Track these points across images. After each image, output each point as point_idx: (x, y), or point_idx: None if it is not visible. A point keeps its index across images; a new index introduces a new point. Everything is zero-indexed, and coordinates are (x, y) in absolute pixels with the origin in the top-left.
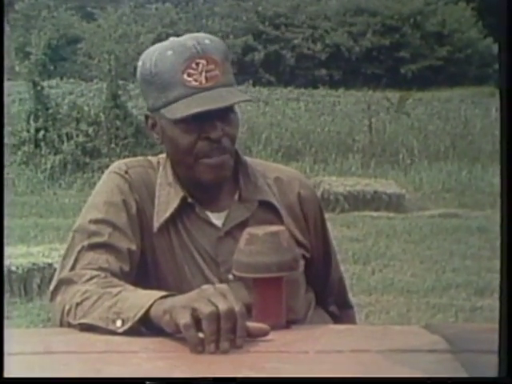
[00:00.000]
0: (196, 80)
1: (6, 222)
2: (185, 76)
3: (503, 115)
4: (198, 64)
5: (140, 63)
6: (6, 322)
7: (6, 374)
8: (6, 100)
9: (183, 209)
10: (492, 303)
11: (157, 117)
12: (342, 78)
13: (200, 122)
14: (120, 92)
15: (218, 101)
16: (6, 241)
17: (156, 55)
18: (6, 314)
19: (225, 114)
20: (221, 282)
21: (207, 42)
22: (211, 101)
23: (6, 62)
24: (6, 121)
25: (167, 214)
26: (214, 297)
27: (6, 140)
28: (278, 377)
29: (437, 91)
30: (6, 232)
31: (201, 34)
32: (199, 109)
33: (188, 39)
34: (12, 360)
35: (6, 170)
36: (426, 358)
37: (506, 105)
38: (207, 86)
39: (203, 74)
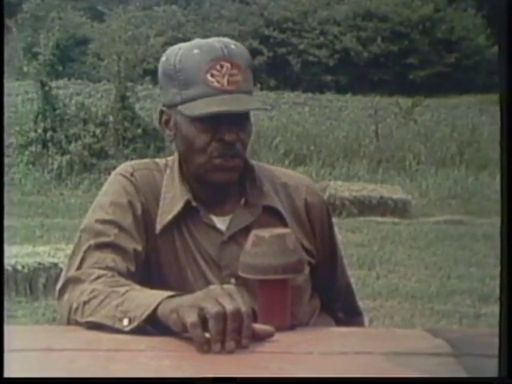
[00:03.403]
0: (218, 82)
1: (13, 221)
2: (208, 76)
3: (503, 122)
4: (222, 66)
5: (163, 58)
6: (10, 319)
7: (10, 372)
8: (14, 100)
9: (187, 212)
10: (496, 310)
11: (172, 113)
12: (349, 83)
13: (216, 123)
14: (128, 93)
15: (237, 104)
16: (12, 240)
17: (182, 52)
18: (10, 312)
19: (241, 120)
20: None
21: (233, 46)
22: (231, 103)
23: (14, 62)
24: (13, 121)
25: (170, 217)
26: (221, 297)
27: (13, 140)
28: (278, 377)
29: (444, 98)
30: (12, 231)
31: (227, 39)
32: (219, 109)
33: (215, 41)
34: (17, 357)
35: (12, 170)
36: (429, 361)
37: (506, 112)
38: (228, 89)
39: (226, 76)
